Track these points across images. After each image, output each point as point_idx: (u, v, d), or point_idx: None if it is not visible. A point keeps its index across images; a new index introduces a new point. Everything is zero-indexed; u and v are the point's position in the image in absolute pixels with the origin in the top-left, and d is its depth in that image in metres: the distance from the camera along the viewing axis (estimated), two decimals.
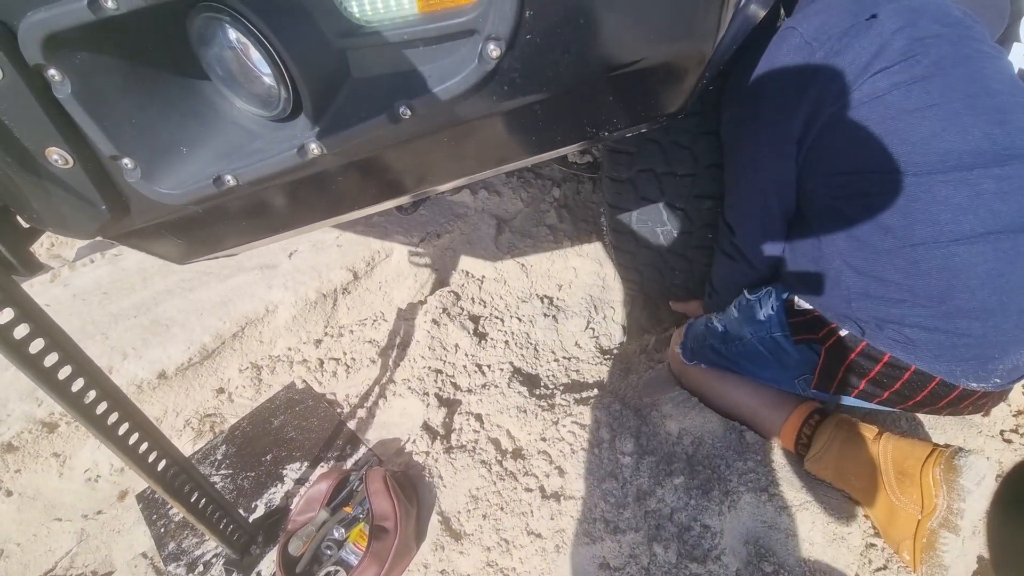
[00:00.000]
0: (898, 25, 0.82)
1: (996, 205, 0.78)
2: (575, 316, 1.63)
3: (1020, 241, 0.79)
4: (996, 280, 0.79)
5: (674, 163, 1.15)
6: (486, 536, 1.09)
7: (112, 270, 1.76)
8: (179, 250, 0.75)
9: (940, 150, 0.79)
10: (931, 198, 0.80)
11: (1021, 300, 0.80)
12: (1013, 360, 0.84)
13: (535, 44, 0.48)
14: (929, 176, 0.79)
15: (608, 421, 1.19)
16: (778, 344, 1.05)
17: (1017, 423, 1.20)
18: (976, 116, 0.79)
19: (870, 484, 0.97)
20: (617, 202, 1.27)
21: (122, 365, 1.43)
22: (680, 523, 1.02)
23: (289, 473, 1.30)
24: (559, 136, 0.60)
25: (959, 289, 0.80)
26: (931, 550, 0.87)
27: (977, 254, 0.79)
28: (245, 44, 0.55)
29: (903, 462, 0.93)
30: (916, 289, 0.83)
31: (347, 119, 0.55)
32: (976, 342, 0.83)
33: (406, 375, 1.47)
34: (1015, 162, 0.79)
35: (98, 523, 1.30)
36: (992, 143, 0.79)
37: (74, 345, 0.78)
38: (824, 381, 1.01)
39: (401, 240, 1.76)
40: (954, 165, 0.79)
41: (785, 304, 1.04)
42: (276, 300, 1.60)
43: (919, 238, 0.81)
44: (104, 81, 0.55)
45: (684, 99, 0.57)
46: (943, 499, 0.87)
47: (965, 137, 0.79)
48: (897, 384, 0.92)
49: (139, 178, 0.58)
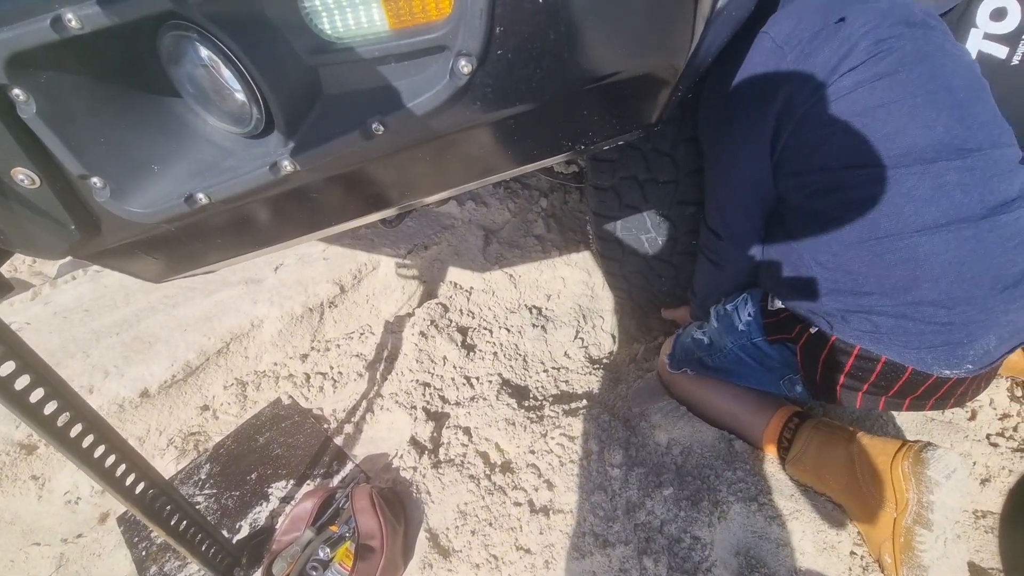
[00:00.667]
0: (865, 28, 0.84)
1: (957, 196, 0.81)
2: (564, 326, 1.62)
3: (982, 229, 0.81)
4: (959, 268, 0.81)
5: (656, 170, 1.15)
6: (475, 552, 1.07)
7: (94, 287, 1.74)
8: (155, 269, 0.74)
9: (904, 144, 0.81)
10: (896, 190, 0.82)
11: (984, 286, 0.82)
12: (983, 345, 0.85)
13: (506, 60, 0.48)
14: (894, 169, 0.82)
15: (597, 433, 1.18)
16: (759, 349, 1.06)
17: (1003, 426, 1.21)
18: (938, 111, 0.82)
19: (847, 484, 0.97)
20: (601, 210, 1.27)
21: (103, 384, 1.40)
22: (670, 535, 1.01)
23: (274, 491, 1.28)
24: (535, 150, 0.59)
25: (923, 279, 0.83)
26: (909, 550, 0.87)
27: (940, 243, 0.81)
28: (216, 62, 0.54)
29: (875, 459, 0.93)
30: (882, 280, 0.85)
31: (320, 136, 0.55)
32: (943, 329, 0.84)
33: (394, 389, 1.46)
34: (975, 154, 0.82)
35: (78, 547, 1.27)
36: (953, 137, 0.81)
37: (46, 366, 0.76)
38: (809, 381, 1.01)
39: (388, 252, 1.76)
40: (917, 158, 0.81)
41: (760, 306, 1.06)
42: (261, 315, 1.58)
43: (883, 230, 0.83)
44: (71, 100, 0.54)
45: (659, 111, 0.57)
46: (913, 493, 0.86)
47: (927, 131, 0.81)
48: (872, 375, 0.92)
49: (108, 197, 0.57)
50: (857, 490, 0.95)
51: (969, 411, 1.23)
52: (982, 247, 0.81)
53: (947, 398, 0.95)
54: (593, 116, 0.56)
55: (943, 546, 0.85)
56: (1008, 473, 1.10)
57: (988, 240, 0.82)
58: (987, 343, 0.86)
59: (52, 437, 0.76)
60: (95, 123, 0.55)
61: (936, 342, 0.85)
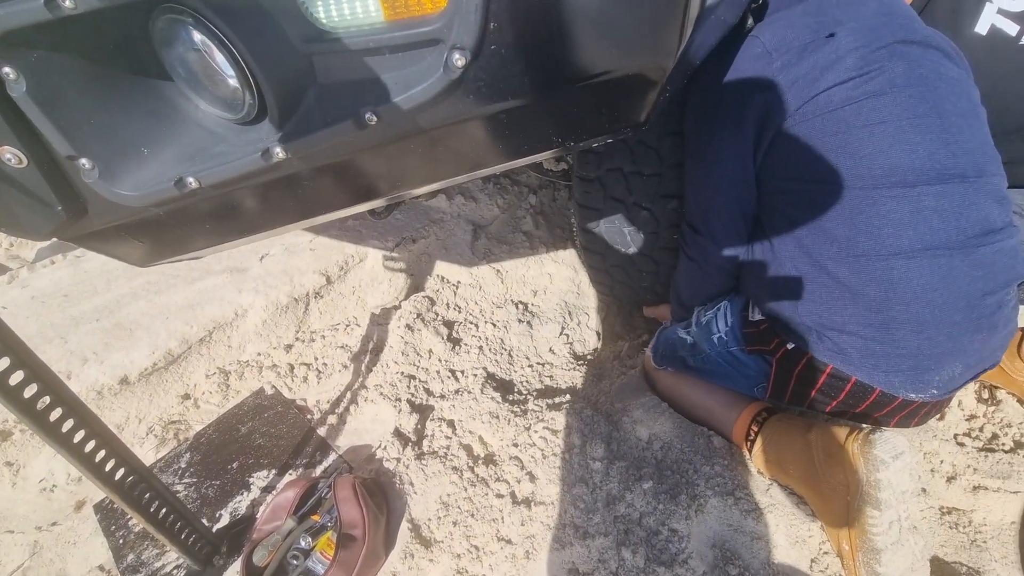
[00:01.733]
0: (855, 44, 0.85)
1: (935, 222, 0.82)
2: (550, 322, 1.64)
3: (955, 258, 0.83)
4: (930, 294, 0.83)
5: (641, 162, 1.16)
6: (456, 543, 1.08)
7: (74, 272, 1.70)
8: (141, 252, 0.74)
9: (885, 166, 0.82)
10: (874, 211, 0.83)
11: (953, 314, 0.84)
12: (948, 372, 0.88)
13: (500, 55, 0.49)
14: (874, 190, 0.83)
15: (579, 427, 1.20)
16: (736, 358, 1.08)
17: (970, 427, 1.26)
18: (922, 135, 0.82)
19: (805, 471, 0.99)
20: (586, 201, 1.28)
21: (82, 370, 1.38)
22: (648, 527, 1.03)
23: (256, 481, 1.28)
24: (526, 145, 0.61)
25: (895, 301, 0.84)
26: (863, 533, 0.89)
27: (914, 268, 0.83)
28: (209, 46, 0.54)
29: (829, 445, 0.96)
30: (857, 298, 0.87)
31: (313, 124, 0.55)
32: (911, 353, 0.87)
33: (378, 381, 1.46)
34: (955, 181, 0.83)
35: (52, 535, 1.25)
36: (935, 162, 0.82)
37: (26, 349, 0.75)
38: (778, 391, 1.05)
39: (376, 245, 1.75)
40: (898, 181, 0.82)
41: (741, 315, 1.07)
42: (246, 304, 1.57)
43: (861, 249, 0.85)
44: (61, 80, 0.53)
45: (648, 111, 0.58)
46: (862, 472, 0.88)
47: (910, 155, 0.82)
48: (842, 395, 0.96)
49: (97, 179, 0.57)
50: (815, 478, 0.97)
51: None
52: (953, 275, 0.83)
53: (911, 418, 0.99)
54: (583, 113, 0.57)
55: (898, 532, 0.87)
56: (973, 471, 1.15)
57: (960, 269, 0.83)
58: (953, 370, 0.89)
59: (31, 421, 0.75)
60: (85, 104, 0.55)
61: (904, 367, 0.88)
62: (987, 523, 1.08)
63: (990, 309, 0.87)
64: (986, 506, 1.10)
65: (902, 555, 0.87)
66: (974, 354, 0.89)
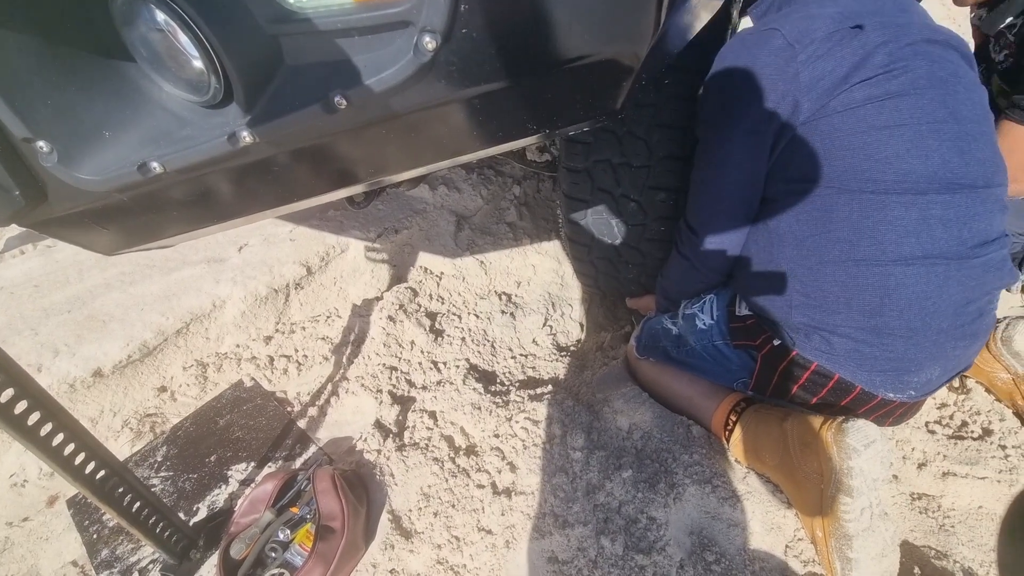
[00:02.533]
0: (882, 39, 0.83)
1: (938, 231, 0.82)
2: (533, 313, 1.64)
3: (951, 268, 0.83)
4: (923, 303, 0.84)
5: (629, 154, 1.16)
6: (437, 534, 1.08)
7: (44, 262, 1.66)
8: (106, 240, 0.71)
9: (900, 171, 0.81)
10: (882, 216, 0.83)
11: (941, 321, 0.85)
12: (927, 375, 0.90)
13: (471, 39, 0.48)
14: (885, 195, 0.82)
15: (560, 417, 1.20)
16: (719, 351, 1.09)
17: (941, 415, 1.29)
18: (939, 141, 0.82)
19: (781, 460, 1.00)
20: (573, 192, 1.27)
21: (53, 363, 1.35)
22: (627, 516, 1.04)
23: (234, 474, 1.26)
24: (501, 132, 0.60)
25: (889, 307, 0.85)
26: (835, 520, 0.90)
27: (911, 276, 0.83)
28: (172, 26, 0.53)
29: (803, 434, 0.97)
30: (852, 302, 0.87)
31: (281, 107, 0.54)
32: (897, 356, 0.88)
33: (360, 372, 1.45)
34: (964, 192, 0.83)
35: (24, 531, 1.22)
36: (947, 170, 0.82)
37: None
38: (761, 385, 1.06)
39: (357, 235, 1.73)
40: (910, 188, 0.81)
41: (728, 310, 1.07)
42: (224, 295, 1.54)
43: (862, 254, 0.84)
44: (15, 59, 0.51)
45: (622, 98, 0.58)
46: (834, 460, 0.90)
47: (925, 161, 0.81)
48: (823, 391, 0.97)
49: (56, 163, 0.55)
50: (790, 466, 0.99)
51: None
52: (948, 284, 0.84)
53: (886, 418, 1.01)
54: (558, 100, 0.57)
55: (869, 519, 0.89)
56: (943, 458, 1.17)
57: (955, 279, 0.84)
58: (931, 373, 0.91)
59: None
60: (42, 84, 0.53)
61: (886, 367, 0.90)
62: (955, 508, 1.11)
63: (971, 317, 0.88)
64: (955, 492, 1.12)
65: (873, 540, 0.89)
66: (953, 359, 0.91)
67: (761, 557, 1.00)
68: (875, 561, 0.90)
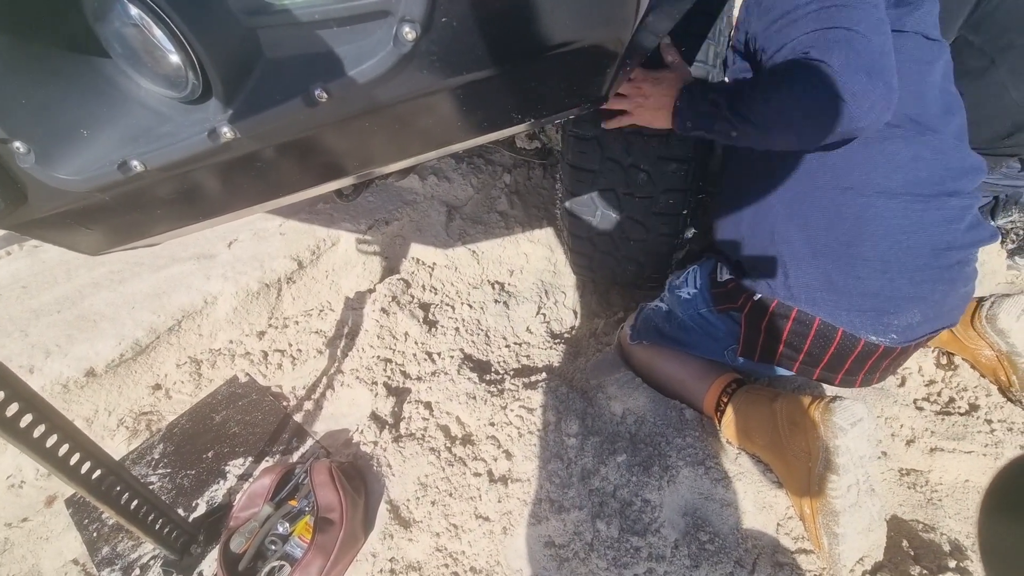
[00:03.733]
0: None
1: (923, 172, 0.87)
2: (526, 302, 1.64)
3: (929, 207, 0.87)
4: (897, 236, 0.88)
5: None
6: (435, 522, 1.09)
7: (31, 262, 1.64)
8: (90, 241, 0.71)
9: (920, 108, 0.86)
10: (879, 148, 0.87)
11: (917, 259, 0.89)
12: (908, 318, 0.92)
13: (451, 27, 0.47)
14: (895, 127, 0.86)
15: (555, 404, 1.21)
16: (705, 319, 1.12)
17: (928, 391, 1.31)
18: (935, 96, 0.88)
19: (770, 440, 1.03)
20: (580, 162, 1.23)
21: (45, 364, 1.34)
22: (622, 499, 1.06)
23: (232, 469, 1.27)
24: (486, 121, 0.59)
25: (866, 236, 0.88)
26: (823, 496, 0.92)
27: (890, 209, 0.87)
28: (146, 20, 0.51)
29: (792, 414, 0.99)
30: (831, 228, 0.91)
31: (261, 102, 0.53)
32: (873, 292, 0.91)
33: (354, 365, 1.45)
34: (949, 138, 0.88)
35: (23, 531, 1.23)
36: (939, 121, 0.88)
37: None
38: (748, 347, 1.07)
39: (348, 228, 1.72)
40: (913, 127, 0.86)
41: (710, 278, 1.10)
42: (215, 291, 1.53)
43: (850, 182, 0.88)
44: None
45: (608, 85, 0.57)
46: (821, 439, 0.92)
47: (925, 110, 0.87)
48: (807, 342, 0.98)
49: (34, 163, 0.54)
50: (779, 445, 1.01)
51: (899, 378, 1.33)
52: (924, 223, 0.88)
53: (873, 372, 1.02)
54: (542, 88, 0.56)
55: (856, 495, 0.91)
56: (931, 434, 1.19)
57: (932, 217, 0.88)
58: (912, 317, 0.92)
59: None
60: (15, 83, 0.52)
61: (865, 307, 0.92)
62: (943, 482, 1.14)
63: (951, 262, 0.91)
64: (942, 466, 1.15)
65: (859, 516, 0.91)
66: (933, 305, 0.93)
67: (754, 535, 1.02)
68: (861, 536, 0.92)
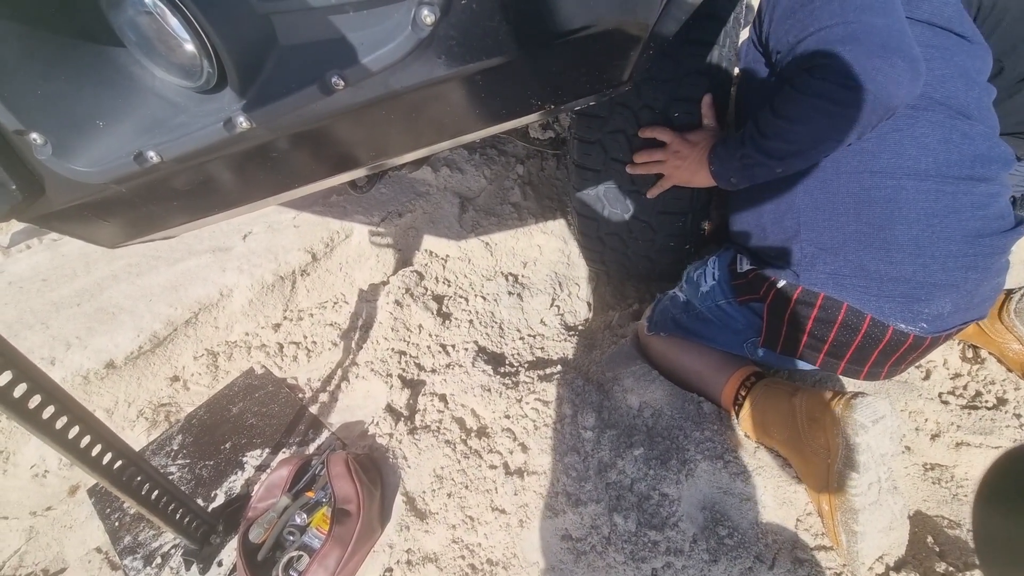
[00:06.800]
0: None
1: (954, 155, 0.86)
2: (540, 294, 1.63)
3: (960, 189, 0.86)
4: (930, 219, 0.86)
5: (646, 124, 1.13)
6: (451, 514, 1.09)
7: (51, 256, 1.66)
8: (108, 233, 0.71)
9: (946, 92, 0.86)
10: (910, 132, 0.86)
11: (950, 245, 0.86)
12: (938, 307, 0.89)
13: (471, 10, 0.46)
14: (922, 111, 0.85)
15: (570, 397, 1.20)
16: (723, 311, 1.10)
17: (954, 385, 1.27)
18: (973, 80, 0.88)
19: (789, 435, 1.00)
20: (585, 163, 1.24)
21: (66, 356, 1.36)
22: (640, 493, 1.05)
23: (250, 460, 1.28)
24: (504, 109, 0.58)
25: (899, 220, 0.86)
26: (842, 494, 0.90)
27: (922, 191, 0.85)
28: (161, 8, 0.51)
29: (812, 409, 0.97)
30: (861, 214, 0.89)
31: (276, 90, 0.52)
32: (905, 278, 0.88)
33: (369, 357, 1.45)
34: (980, 124, 0.88)
35: (48, 520, 1.25)
36: (976, 107, 0.88)
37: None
38: (771, 338, 1.05)
39: (361, 220, 1.72)
40: (945, 110, 0.86)
41: (729, 269, 1.08)
42: (231, 284, 1.54)
43: (880, 165, 0.87)
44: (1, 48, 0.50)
45: (630, 70, 0.56)
46: (841, 436, 0.90)
47: (967, 92, 0.87)
48: (833, 330, 0.95)
49: (51, 155, 0.54)
50: (798, 440, 0.98)
51: (924, 371, 1.29)
52: (956, 207, 0.86)
53: (899, 365, 0.98)
54: (563, 73, 0.54)
55: (876, 493, 0.88)
56: (956, 428, 1.17)
57: (963, 201, 0.86)
58: (942, 306, 0.89)
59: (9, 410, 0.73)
60: (30, 74, 0.52)
61: (895, 293, 0.89)
62: (968, 477, 1.11)
63: (984, 251, 0.89)
64: (968, 461, 1.12)
65: (879, 514, 0.89)
66: (965, 295, 0.90)
67: (773, 530, 1.01)
68: (881, 534, 0.90)
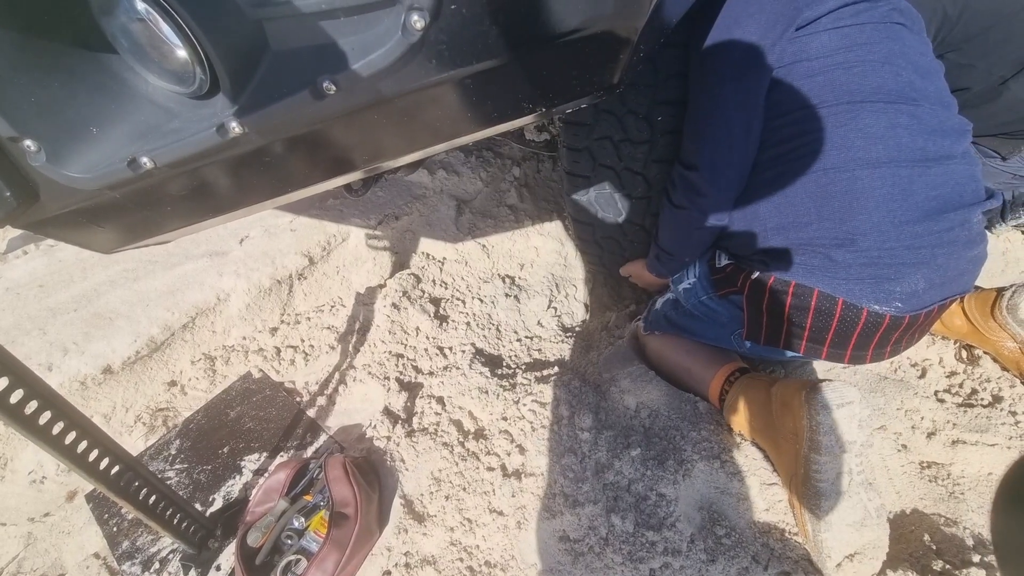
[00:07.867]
0: None
1: (905, 138, 0.87)
2: (537, 295, 1.63)
3: (915, 173, 0.87)
4: (889, 204, 0.87)
5: (631, 131, 1.14)
6: (449, 516, 1.09)
7: (48, 261, 1.66)
8: (103, 239, 0.71)
9: (874, 82, 0.88)
10: (853, 124, 0.87)
11: (913, 227, 0.88)
12: (910, 284, 0.89)
13: (461, 15, 0.46)
14: (859, 104, 0.87)
15: (567, 398, 1.20)
16: (707, 307, 1.12)
17: (950, 383, 1.28)
18: (905, 62, 0.90)
19: (765, 423, 1.01)
20: (575, 169, 1.25)
21: (63, 361, 1.36)
22: (637, 493, 1.05)
23: (248, 464, 1.28)
24: (496, 112, 0.58)
25: (858, 210, 0.87)
26: (807, 478, 0.90)
27: (877, 178, 0.87)
28: (153, 15, 0.51)
29: (784, 395, 0.97)
30: (823, 211, 0.90)
31: (268, 95, 0.52)
32: (871, 261, 0.89)
33: (366, 360, 1.45)
34: (925, 103, 0.89)
35: (46, 525, 1.25)
36: (912, 88, 0.89)
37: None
38: (753, 328, 1.05)
39: (358, 223, 1.72)
40: (882, 97, 0.87)
41: (708, 265, 1.10)
42: (228, 288, 1.54)
43: (831, 163, 0.88)
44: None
45: (620, 72, 0.56)
46: (807, 418, 0.90)
47: (896, 76, 0.89)
48: (809, 316, 0.95)
49: (44, 161, 0.54)
50: (772, 428, 0.99)
51: (920, 369, 1.30)
52: (912, 189, 0.87)
53: (883, 346, 0.98)
54: (553, 76, 0.55)
55: (846, 484, 0.88)
56: (952, 427, 1.17)
57: (920, 183, 0.88)
58: (914, 283, 0.89)
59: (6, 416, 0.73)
60: (23, 80, 0.52)
61: (864, 275, 0.89)
62: (965, 475, 1.11)
63: (951, 224, 0.89)
64: (964, 459, 1.12)
65: (848, 507, 0.88)
66: (937, 270, 0.90)
67: (771, 530, 1.01)
68: (851, 528, 0.89)
